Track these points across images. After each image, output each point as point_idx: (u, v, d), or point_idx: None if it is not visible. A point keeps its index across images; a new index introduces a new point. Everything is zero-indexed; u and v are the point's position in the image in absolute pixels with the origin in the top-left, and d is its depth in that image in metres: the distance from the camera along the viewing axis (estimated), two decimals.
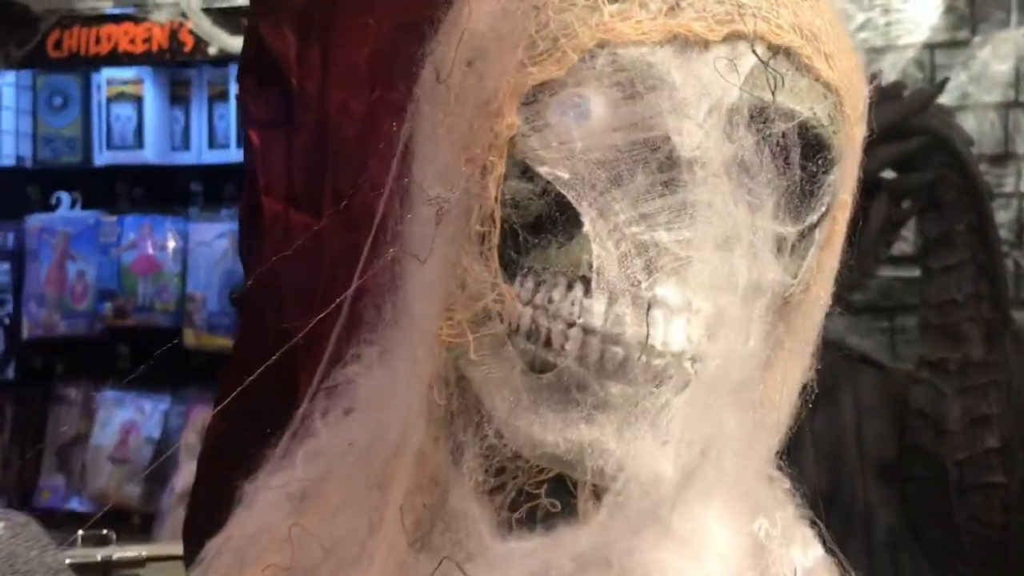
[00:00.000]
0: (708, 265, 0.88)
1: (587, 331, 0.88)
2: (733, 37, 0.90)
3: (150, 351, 1.26)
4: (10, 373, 4.36)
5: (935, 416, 2.76)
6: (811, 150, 0.94)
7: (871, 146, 1.01)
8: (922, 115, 2.83)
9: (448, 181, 0.93)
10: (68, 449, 4.34)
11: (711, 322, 0.89)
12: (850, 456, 2.85)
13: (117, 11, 4.27)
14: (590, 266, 0.88)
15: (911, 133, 2.80)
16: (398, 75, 1.04)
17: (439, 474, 0.95)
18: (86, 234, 4.35)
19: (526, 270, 0.91)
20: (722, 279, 0.89)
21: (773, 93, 0.90)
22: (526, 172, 0.91)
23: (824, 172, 0.95)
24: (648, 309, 0.87)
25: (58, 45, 4.27)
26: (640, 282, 0.87)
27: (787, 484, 1.05)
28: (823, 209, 0.96)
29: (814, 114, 0.93)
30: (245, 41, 1.59)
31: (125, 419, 4.27)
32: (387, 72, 1.20)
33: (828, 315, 1.03)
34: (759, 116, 0.90)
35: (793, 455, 1.05)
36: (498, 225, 0.91)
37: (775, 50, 0.92)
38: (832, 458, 2.78)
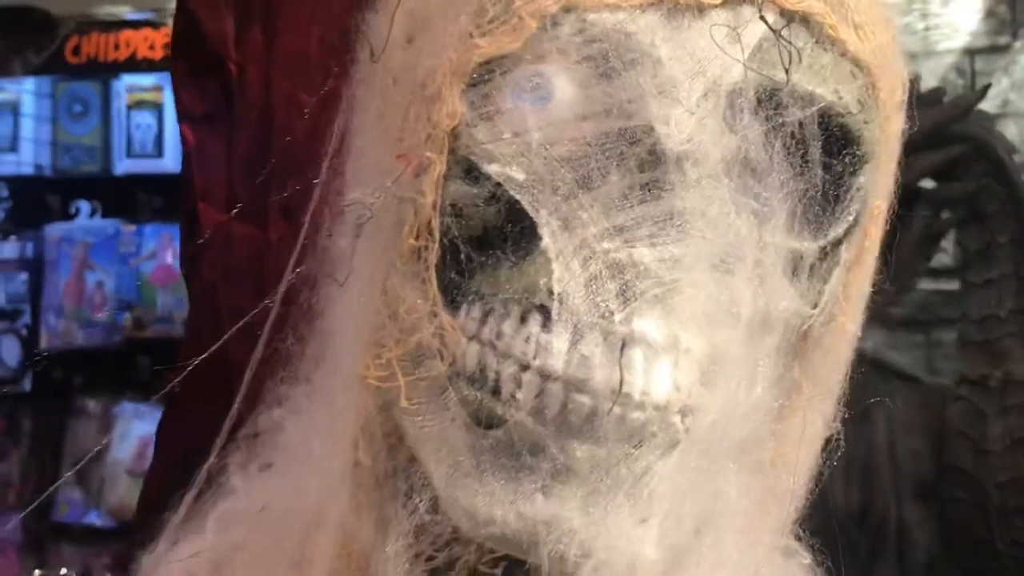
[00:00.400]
0: (702, 291, 0.68)
1: (545, 376, 0.68)
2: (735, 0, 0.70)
3: (170, 363, 1.06)
4: (27, 385, 4.21)
5: (975, 436, 2.59)
6: (836, 144, 0.74)
7: (909, 154, 0.79)
8: (962, 122, 2.64)
9: (376, 183, 0.72)
10: (86, 463, 4.18)
11: (706, 364, 0.69)
12: (882, 474, 2.68)
13: (136, 16, 4.11)
14: (550, 292, 0.69)
15: (951, 141, 2.62)
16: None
17: (367, 551, 0.74)
18: (105, 244, 4.19)
19: (472, 296, 0.71)
20: (720, 309, 0.69)
21: (787, 71, 0.70)
22: (471, 172, 0.71)
23: (852, 172, 0.74)
24: (623, 348, 0.67)
25: (76, 51, 4.12)
26: (613, 313, 0.68)
27: (807, 558, 0.83)
28: (851, 219, 0.75)
29: (839, 98, 0.73)
30: (175, 20, 1.36)
31: (143, 432, 4.09)
32: (341, 59, 0.99)
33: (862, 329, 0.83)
34: (769, 101, 0.71)
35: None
36: (437, 239, 0.71)
37: (789, 17, 0.71)
38: (863, 475, 2.59)
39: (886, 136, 0.76)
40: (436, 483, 0.71)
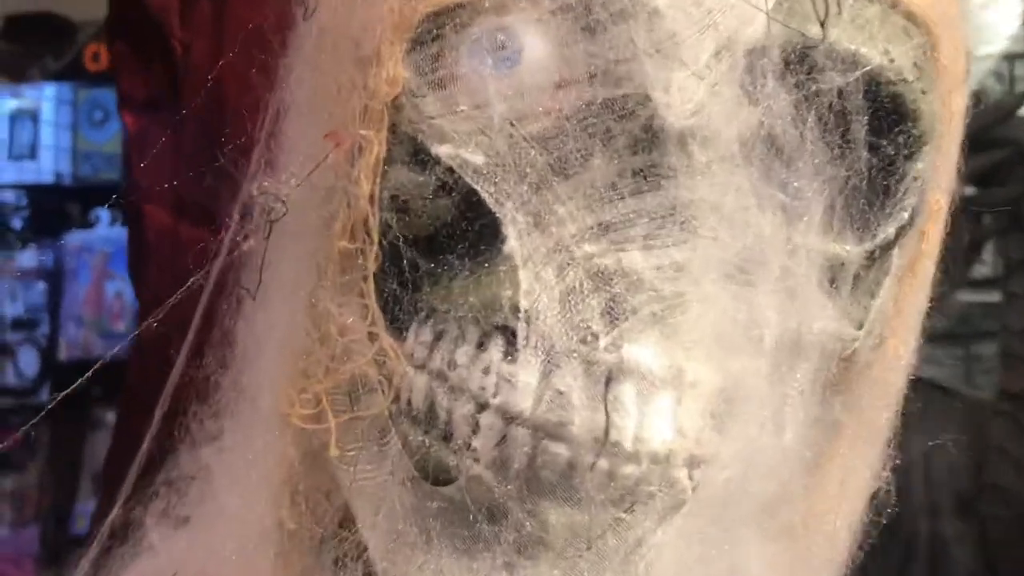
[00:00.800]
0: (713, 308, 0.52)
1: (508, 418, 0.52)
2: None
3: None
4: (44, 396, 4.09)
5: (1017, 453, 2.45)
6: (886, 120, 0.56)
7: None
8: (1004, 126, 2.49)
9: (298, 169, 0.56)
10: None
11: (718, 402, 0.52)
12: (917, 490, 2.55)
13: None
14: (515, 309, 0.52)
15: (992, 145, 2.47)
16: None
17: None
18: (125, 253, 4.05)
19: (420, 314, 0.55)
20: (737, 331, 0.52)
21: (823, 25, 0.53)
22: (418, 154, 0.55)
23: (907, 156, 0.57)
24: (609, 382, 0.51)
25: (96, 58, 3.98)
26: (597, 336, 0.51)
27: None
28: (905, 217, 0.58)
29: (890, 61, 0.56)
30: None
31: None
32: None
33: None
34: (799, 63, 0.54)
35: None
36: (375, 240, 0.55)
37: None
38: (896, 491, 2.45)
39: (948, 111, 0.59)
40: (372, 553, 0.55)
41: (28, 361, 4.08)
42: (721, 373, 0.52)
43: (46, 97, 4.13)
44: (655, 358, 0.51)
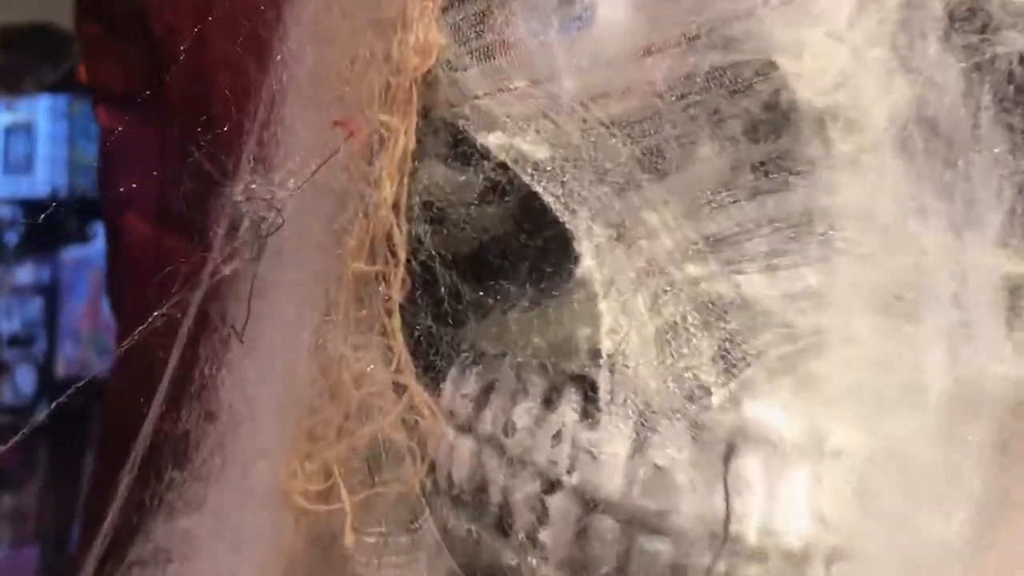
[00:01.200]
0: (862, 349, 0.39)
1: (590, 502, 0.39)
2: None
3: None
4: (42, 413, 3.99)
5: None
6: None
7: None
8: None
9: (298, 167, 0.43)
10: None
11: (870, 477, 0.39)
12: None
13: None
14: (595, 354, 0.40)
15: None
16: None
17: None
18: None
19: (463, 358, 0.42)
20: (894, 380, 0.39)
21: None
22: (459, 147, 0.42)
23: None
24: (729, 455, 0.38)
25: None
26: (709, 390, 0.39)
27: None
28: None
29: None
30: None
31: None
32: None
33: None
34: (969, 20, 0.41)
35: None
36: (402, 260, 0.42)
37: None
38: None
39: None
40: None
41: (25, 379, 4.00)
42: (873, 437, 0.39)
43: (41, 110, 4.06)
44: (787, 419, 0.39)
